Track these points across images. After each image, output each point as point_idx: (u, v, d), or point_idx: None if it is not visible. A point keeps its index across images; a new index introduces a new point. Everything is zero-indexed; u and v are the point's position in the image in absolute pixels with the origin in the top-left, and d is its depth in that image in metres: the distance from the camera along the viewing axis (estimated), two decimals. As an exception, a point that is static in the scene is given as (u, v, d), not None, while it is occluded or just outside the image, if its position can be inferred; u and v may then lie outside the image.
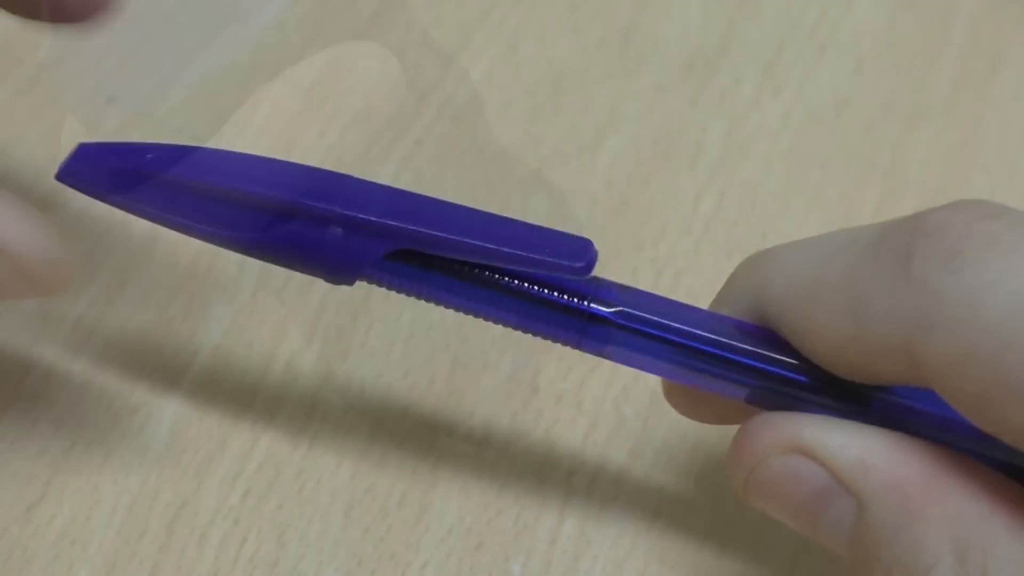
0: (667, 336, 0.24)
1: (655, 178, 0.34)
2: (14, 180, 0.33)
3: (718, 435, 0.29)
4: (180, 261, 0.32)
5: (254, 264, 0.31)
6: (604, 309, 0.24)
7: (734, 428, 0.27)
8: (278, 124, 0.34)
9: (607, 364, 0.30)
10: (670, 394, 0.26)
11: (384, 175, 0.34)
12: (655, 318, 0.24)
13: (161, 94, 0.30)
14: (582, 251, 0.24)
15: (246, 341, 0.30)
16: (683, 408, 0.26)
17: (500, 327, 0.31)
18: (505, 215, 0.25)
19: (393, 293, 0.31)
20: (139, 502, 0.28)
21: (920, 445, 0.22)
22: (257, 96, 0.35)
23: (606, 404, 0.30)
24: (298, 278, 0.31)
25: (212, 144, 0.25)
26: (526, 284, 0.24)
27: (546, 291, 0.24)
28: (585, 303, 0.24)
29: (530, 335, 0.25)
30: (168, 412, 0.29)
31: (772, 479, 0.23)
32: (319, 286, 0.31)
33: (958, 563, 0.20)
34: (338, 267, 0.24)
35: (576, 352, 0.30)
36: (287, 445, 0.29)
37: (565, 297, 0.24)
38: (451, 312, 0.31)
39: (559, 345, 0.30)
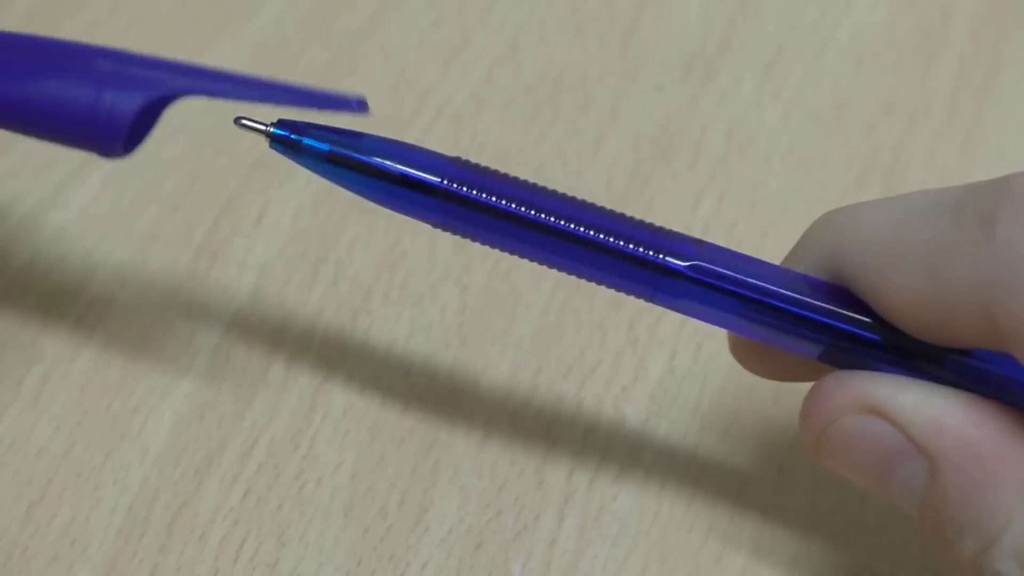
0: (741, 291, 0.23)
1: (655, 178, 0.34)
2: (15, 179, 0.33)
3: (718, 435, 0.30)
4: (180, 261, 0.32)
5: (254, 264, 0.31)
6: (678, 263, 0.23)
7: (736, 427, 0.28)
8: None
9: (607, 364, 0.30)
10: (737, 349, 0.26)
11: (384, 175, 0.34)
12: (730, 273, 0.23)
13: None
14: (356, 97, 0.24)
15: (246, 342, 0.30)
16: (750, 364, 0.26)
17: (503, 326, 0.31)
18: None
19: (393, 295, 0.31)
20: (139, 502, 0.28)
21: (994, 407, 0.22)
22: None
23: (606, 404, 0.30)
24: (297, 278, 0.31)
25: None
26: (601, 235, 0.23)
27: (620, 242, 0.23)
28: (660, 256, 0.23)
29: (603, 286, 0.24)
30: (168, 412, 0.29)
31: (844, 439, 0.23)
32: (319, 286, 0.31)
33: None
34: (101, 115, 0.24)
35: (576, 352, 0.31)
36: (287, 445, 0.29)
37: (640, 249, 0.23)
38: (451, 312, 0.31)
39: (568, 344, 0.30)
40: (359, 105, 0.24)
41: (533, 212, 0.24)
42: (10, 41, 0.25)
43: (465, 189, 0.24)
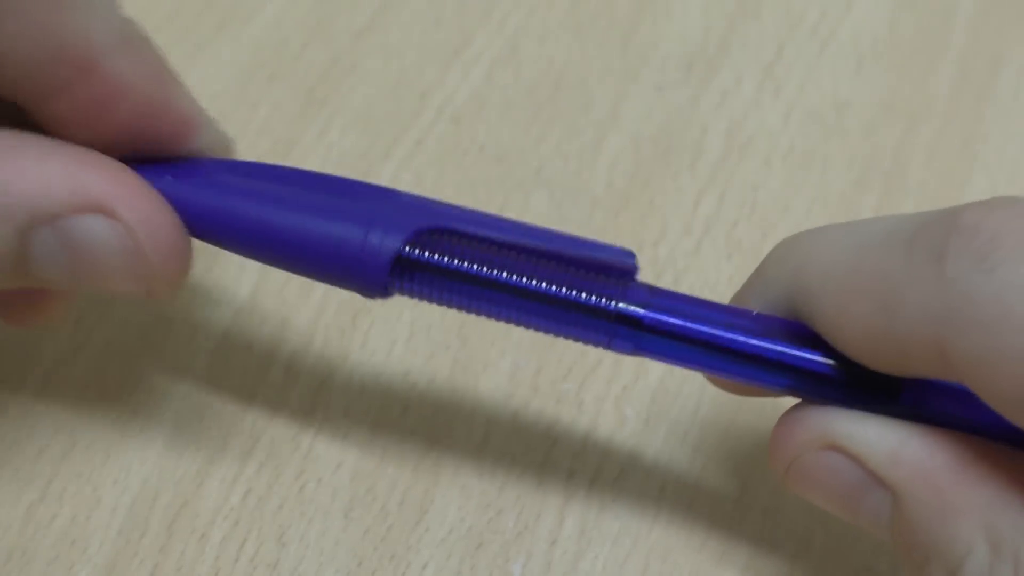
0: (697, 339, 0.23)
1: (655, 178, 0.34)
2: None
3: (718, 435, 0.29)
4: (180, 261, 0.32)
5: (254, 265, 0.31)
6: (634, 309, 0.23)
7: (737, 427, 0.28)
8: (278, 124, 0.34)
9: (607, 364, 0.30)
10: (711, 378, 0.26)
11: (384, 175, 0.34)
12: (683, 322, 0.23)
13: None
14: (627, 254, 0.24)
15: (246, 341, 0.30)
16: (726, 388, 0.26)
17: (502, 326, 0.31)
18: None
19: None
20: (139, 502, 0.28)
21: (950, 436, 0.22)
22: (257, 96, 0.35)
23: (606, 404, 0.30)
24: (298, 278, 0.31)
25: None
26: (554, 287, 0.23)
27: (574, 292, 0.23)
28: (613, 304, 0.23)
29: (560, 337, 0.24)
30: (168, 412, 0.29)
31: (809, 473, 0.23)
32: (320, 286, 0.31)
33: (992, 551, 0.21)
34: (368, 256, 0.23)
35: (576, 352, 0.31)
36: (287, 445, 0.29)
37: (594, 298, 0.23)
38: (451, 312, 0.31)
39: (568, 344, 0.30)
40: (628, 259, 0.24)
41: (484, 270, 0.24)
42: (282, 174, 0.25)
43: (418, 252, 0.24)
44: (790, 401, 0.24)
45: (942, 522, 0.21)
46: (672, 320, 0.23)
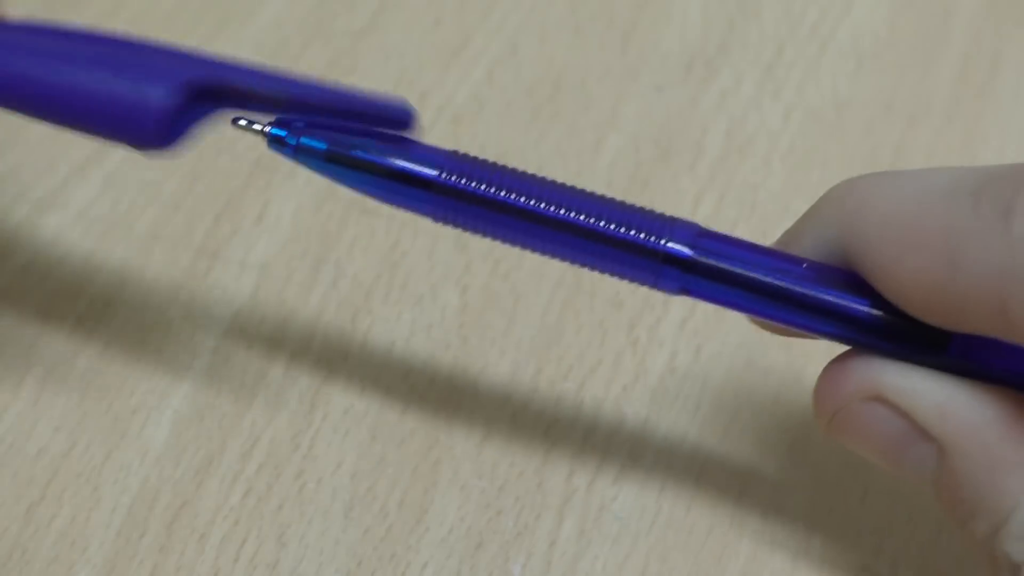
0: (745, 283, 0.23)
1: (655, 178, 0.34)
2: (15, 179, 0.33)
3: (719, 434, 0.29)
4: (180, 261, 0.32)
5: (254, 264, 0.31)
6: (681, 249, 0.23)
7: (736, 427, 0.28)
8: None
9: (607, 364, 0.30)
10: (756, 321, 0.26)
11: (384, 175, 0.34)
12: (729, 267, 0.23)
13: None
14: (403, 106, 0.24)
15: (246, 342, 0.30)
16: (769, 330, 0.25)
17: (502, 326, 0.31)
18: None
19: (393, 295, 0.31)
20: (139, 503, 0.28)
21: (997, 391, 0.22)
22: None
23: (606, 404, 0.30)
24: (298, 278, 0.31)
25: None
26: (601, 223, 0.23)
27: (621, 230, 0.23)
28: (661, 242, 0.23)
29: (605, 275, 0.24)
30: (168, 412, 0.29)
31: (854, 424, 0.23)
32: (320, 286, 0.31)
33: None
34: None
35: (575, 352, 0.31)
36: (287, 445, 0.29)
37: (641, 236, 0.23)
38: (451, 312, 0.31)
39: (568, 344, 0.30)
40: (406, 117, 0.24)
41: (532, 202, 0.24)
42: (48, 32, 0.24)
43: (463, 181, 0.24)
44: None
45: (989, 477, 0.21)
46: (720, 263, 0.23)
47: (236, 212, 0.33)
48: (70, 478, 0.28)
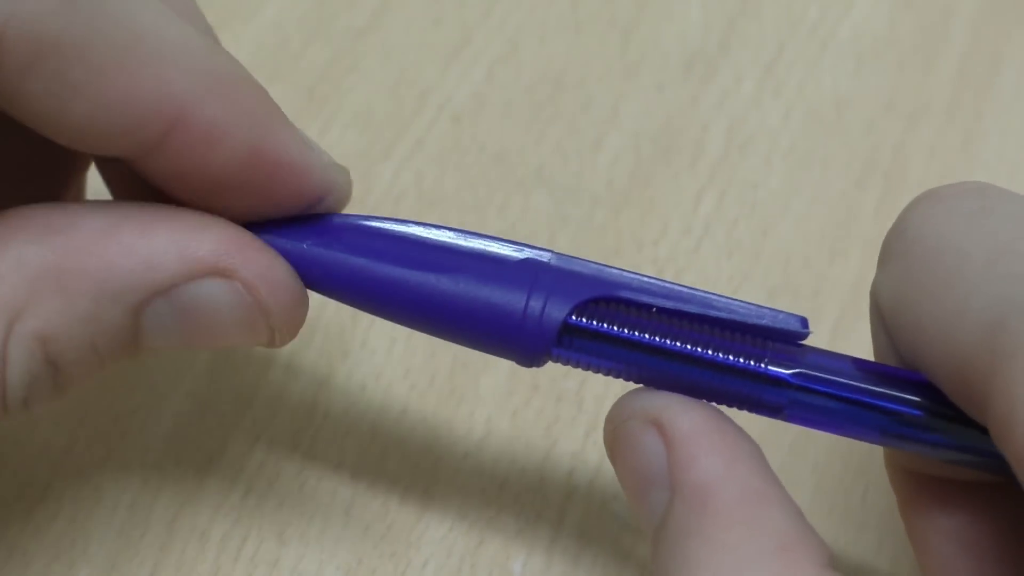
0: (850, 397, 0.22)
1: (655, 177, 0.34)
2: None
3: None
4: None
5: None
6: (783, 371, 0.22)
7: (743, 424, 0.27)
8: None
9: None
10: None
11: (384, 175, 0.34)
12: (836, 378, 0.22)
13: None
14: (798, 320, 0.23)
15: (246, 340, 0.30)
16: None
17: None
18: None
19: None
20: (140, 501, 0.28)
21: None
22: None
23: (607, 402, 0.30)
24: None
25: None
26: (699, 348, 0.22)
27: (721, 354, 0.22)
28: (763, 365, 0.22)
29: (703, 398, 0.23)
30: (168, 412, 0.29)
31: (627, 441, 0.23)
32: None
33: None
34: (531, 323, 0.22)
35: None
36: (287, 444, 0.29)
37: (741, 360, 0.22)
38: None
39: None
40: (801, 326, 0.23)
41: (627, 331, 0.23)
42: (422, 237, 0.24)
43: (585, 320, 0.23)
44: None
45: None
46: (825, 377, 0.22)
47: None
48: (70, 477, 0.28)
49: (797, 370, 0.22)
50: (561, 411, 0.30)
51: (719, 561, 0.20)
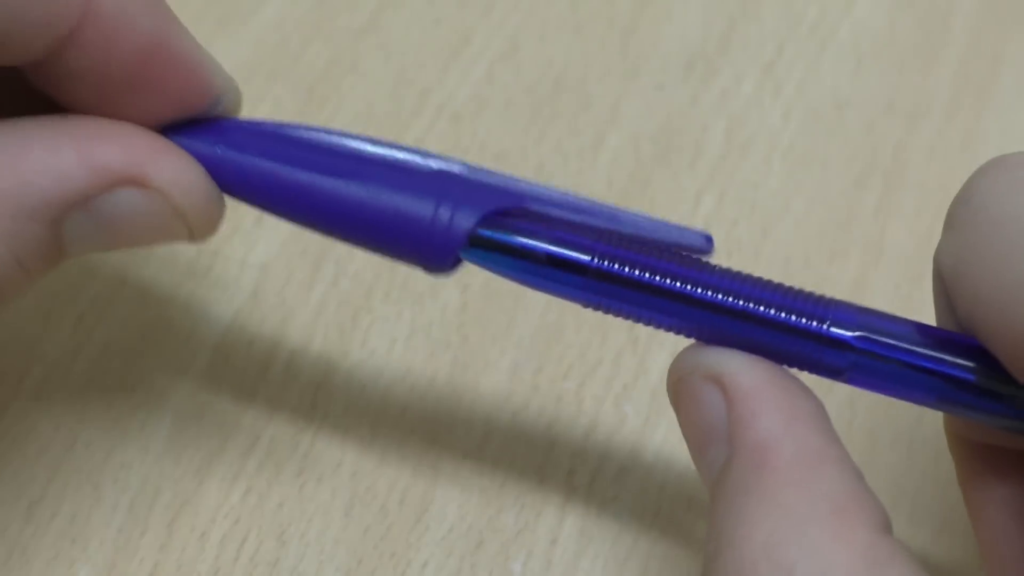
0: (912, 362, 0.22)
1: (655, 177, 0.34)
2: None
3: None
4: (180, 261, 0.32)
5: (255, 263, 0.31)
6: (844, 332, 0.22)
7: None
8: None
9: (607, 363, 0.30)
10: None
11: (384, 174, 0.34)
12: (898, 343, 0.22)
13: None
14: (702, 237, 0.23)
15: (246, 341, 0.30)
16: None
17: (502, 325, 0.31)
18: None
19: (394, 293, 0.31)
20: (139, 501, 0.28)
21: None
22: (257, 95, 0.35)
23: (606, 403, 0.30)
24: (298, 277, 0.31)
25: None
26: (761, 307, 0.22)
27: (783, 314, 0.22)
28: (824, 326, 0.22)
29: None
30: (168, 411, 0.29)
31: (688, 396, 0.23)
32: (320, 285, 0.31)
33: None
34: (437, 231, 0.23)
35: (576, 351, 0.30)
36: (287, 444, 0.29)
37: (803, 320, 0.22)
38: (451, 311, 0.31)
39: (568, 343, 0.30)
40: (706, 243, 0.23)
41: (689, 287, 0.23)
42: (336, 141, 0.24)
43: (618, 267, 0.23)
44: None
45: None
46: (886, 340, 0.22)
47: (236, 210, 0.32)
48: (70, 476, 0.28)
49: (859, 333, 0.22)
50: (561, 412, 0.30)
51: (774, 521, 0.20)
